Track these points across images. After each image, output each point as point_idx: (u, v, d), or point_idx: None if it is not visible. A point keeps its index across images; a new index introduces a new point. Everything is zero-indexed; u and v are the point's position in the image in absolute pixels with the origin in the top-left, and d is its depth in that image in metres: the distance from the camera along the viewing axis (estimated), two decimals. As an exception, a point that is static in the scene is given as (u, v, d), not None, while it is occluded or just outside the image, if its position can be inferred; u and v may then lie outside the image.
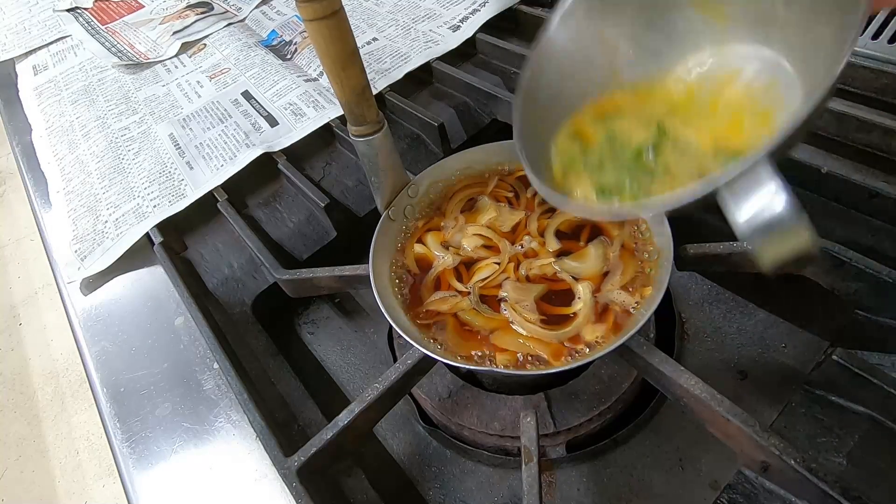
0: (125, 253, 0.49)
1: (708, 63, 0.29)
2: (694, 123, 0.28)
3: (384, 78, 0.61)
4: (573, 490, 0.36)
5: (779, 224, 0.18)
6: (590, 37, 0.29)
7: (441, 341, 0.35)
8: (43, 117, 0.68)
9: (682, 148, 0.27)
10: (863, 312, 0.35)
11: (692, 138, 0.27)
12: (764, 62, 0.26)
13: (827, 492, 0.25)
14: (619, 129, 0.29)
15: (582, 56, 0.29)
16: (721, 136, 0.27)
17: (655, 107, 0.29)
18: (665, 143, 0.27)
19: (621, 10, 0.28)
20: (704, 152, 0.27)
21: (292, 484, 0.31)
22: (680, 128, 0.28)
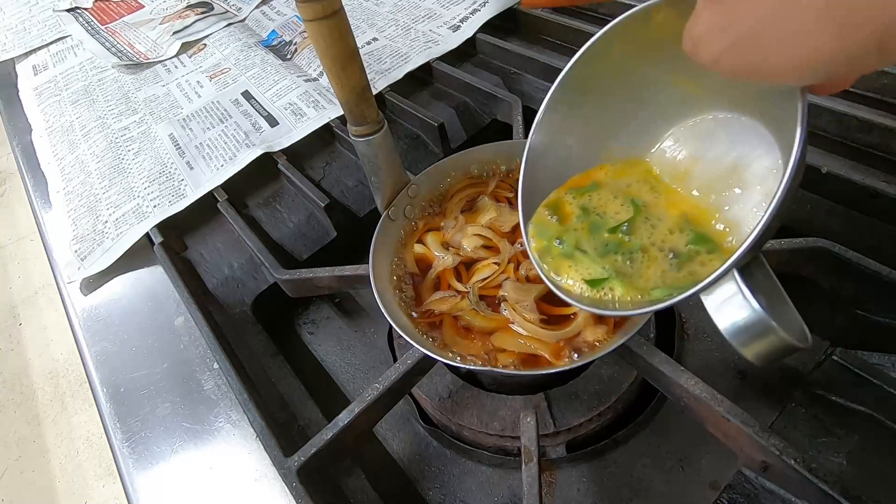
0: (125, 253, 0.49)
1: (686, 138, 0.29)
2: (663, 197, 0.29)
3: (384, 78, 0.61)
4: (573, 490, 0.36)
5: (750, 331, 0.20)
6: (578, 120, 0.30)
7: (440, 341, 0.35)
8: (43, 117, 0.69)
9: (653, 223, 0.28)
10: (863, 312, 0.35)
11: (662, 212, 0.28)
12: (743, 130, 0.27)
13: (827, 492, 0.25)
14: (596, 204, 0.30)
15: (572, 138, 0.31)
16: (691, 214, 0.28)
17: (633, 185, 0.30)
18: (639, 219, 0.28)
19: (603, 93, 0.29)
20: (672, 228, 0.28)
21: (292, 484, 0.31)
22: (651, 204, 0.29)
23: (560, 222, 0.30)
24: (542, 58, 0.57)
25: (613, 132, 0.31)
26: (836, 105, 0.44)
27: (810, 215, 0.41)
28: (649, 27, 0.23)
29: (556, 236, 0.30)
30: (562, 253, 0.29)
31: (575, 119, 0.30)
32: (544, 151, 0.31)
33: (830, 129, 0.44)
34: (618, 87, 0.29)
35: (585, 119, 0.30)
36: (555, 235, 0.30)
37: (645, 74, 0.28)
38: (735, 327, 0.20)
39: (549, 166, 0.31)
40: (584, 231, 0.29)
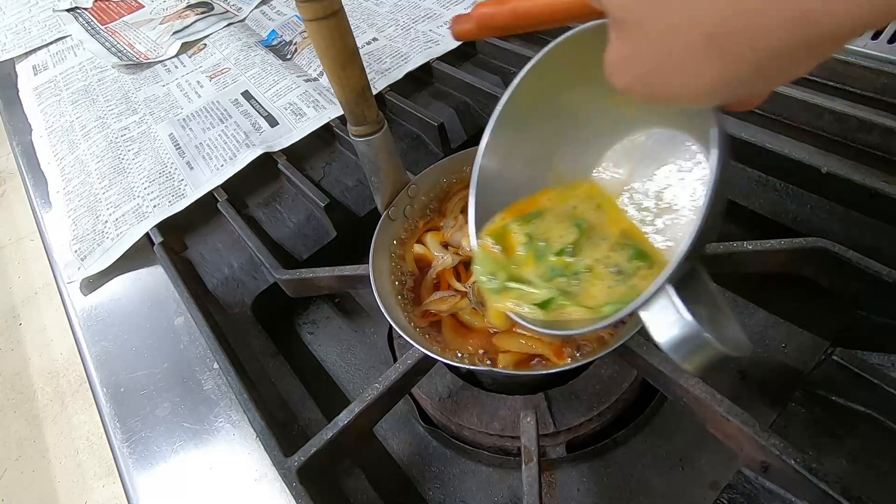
0: (125, 253, 0.49)
1: (624, 156, 0.30)
2: (605, 215, 0.30)
3: (384, 78, 0.61)
4: (573, 490, 0.36)
5: (687, 344, 0.20)
6: (523, 142, 0.31)
7: (440, 341, 0.35)
8: (43, 117, 0.69)
9: (597, 242, 0.29)
10: (863, 312, 0.35)
11: (605, 231, 0.29)
12: (674, 145, 0.28)
13: (827, 492, 0.25)
14: (541, 231, 0.30)
15: (519, 160, 0.32)
16: (626, 225, 0.29)
17: (579, 207, 0.31)
18: (584, 240, 0.29)
19: (544, 116, 0.30)
20: (614, 245, 0.28)
21: (292, 484, 0.31)
22: (596, 223, 0.30)
23: (505, 252, 0.31)
24: (542, 58, 0.57)
25: (558, 153, 0.32)
26: (835, 105, 0.44)
27: (810, 215, 0.41)
28: (581, 51, 0.23)
29: (501, 269, 0.30)
30: (506, 286, 0.30)
31: (520, 142, 0.31)
32: (494, 174, 0.31)
33: (830, 129, 0.44)
34: (557, 111, 0.30)
35: (530, 141, 0.31)
36: (499, 268, 0.30)
37: (582, 97, 0.28)
38: (672, 341, 0.20)
39: (499, 188, 0.31)
40: (530, 259, 0.30)
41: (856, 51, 0.46)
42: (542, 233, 0.30)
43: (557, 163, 0.32)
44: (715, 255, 0.36)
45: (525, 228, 0.30)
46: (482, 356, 0.33)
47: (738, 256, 0.35)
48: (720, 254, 0.36)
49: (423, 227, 0.41)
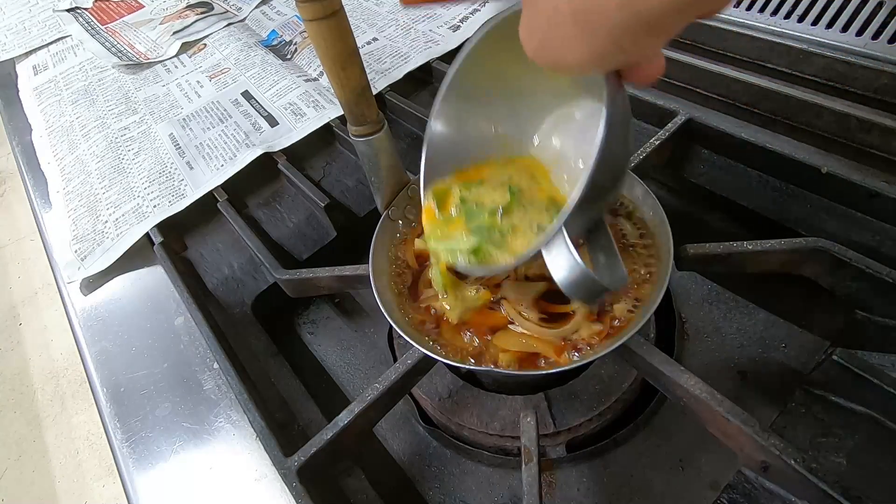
0: (125, 253, 0.49)
1: (558, 126, 0.34)
2: (537, 184, 0.33)
3: (384, 78, 0.61)
4: (573, 490, 0.36)
5: (573, 276, 0.25)
6: (466, 114, 0.34)
7: (437, 338, 0.35)
8: (43, 117, 0.69)
9: (526, 206, 0.32)
10: (863, 312, 0.35)
11: (535, 197, 0.33)
12: (594, 114, 0.31)
13: (827, 492, 0.25)
14: (475, 196, 0.34)
15: (467, 127, 0.35)
16: (553, 193, 0.33)
17: (514, 176, 0.34)
18: (514, 204, 0.32)
19: (489, 90, 0.33)
20: (541, 209, 0.32)
21: (292, 484, 0.31)
22: (527, 190, 0.33)
23: (443, 212, 0.34)
24: (542, 58, 0.57)
25: (503, 121, 0.35)
26: (835, 105, 0.44)
27: (810, 215, 0.41)
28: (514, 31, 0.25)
29: (438, 227, 0.34)
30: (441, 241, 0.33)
31: (469, 109, 0.34)
32: (444, 137, 0.34)
33: (830, 129, 0.44)
34: (502, 82, 0.32)
35: (478, 109, 0.34)
36: (437, 226, 0.34)
37: (522, 69, 0.30)
38: (563, 276, 0.25)
39: (448, 150, 0.35)
40: (461, 219, 0.33)
41: (856, 51, 0.46)
42: (477, 197, 0.34)
43: (503, 130, 0.35)
44: (715, 255, 0.36)
45: (464, 193, 0.34)
46: (484, 356, 0.33)
47: (738, 256, 0.35)
48: (720, 254, 0.36)
49: None
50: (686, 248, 0.36)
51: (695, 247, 0.36)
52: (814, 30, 0.48)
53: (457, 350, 0.34)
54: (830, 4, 0.47)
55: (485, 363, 0.33)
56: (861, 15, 0.46)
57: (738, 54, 0.52)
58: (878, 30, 0.45)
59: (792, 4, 0.49)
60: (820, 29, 0.47)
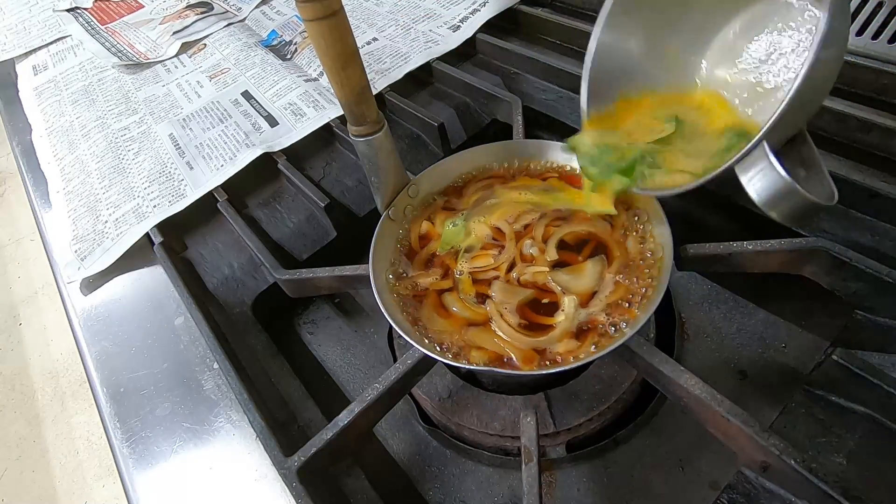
0: (125, 253, 0.49)
1: (734, 38, 0.31)
2: (708, 117, 0.32)
3: (384, 78, 0.61)
4: (573, 490, 0.36)
5: (775, 192, 0.22)
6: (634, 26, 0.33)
7: (418, 317, 0.35)
8: (43, 117, 0.69)
9: (691, 137, 0.31)
10: (863, 312, 0.35)
11: (706, 128, 0.31)
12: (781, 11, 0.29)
13: (827, 492, 0.25)
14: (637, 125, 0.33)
15: (629, 47, 0.33)
16: (734, 123, 0.31)
17: (679, 109, 0.33)
18: (678, 135, 0.31)
19: (655, 10, 0.32)
20: (716, 136, 0.30)
21: (292, 484, 0.31)
22: (694, 122, 0.32)
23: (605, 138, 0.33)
24: (542, 58, 0.57)
25: (674, 35, 0.33)
26: (835, 105, 0.44)
27: (810, 215, 0.41)
28: None
29: (601, 143, 0.33)
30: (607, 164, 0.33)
31: (636, 23, 0.32)
32: (609, 55, 0.33)
33: (830, 129, 0.44)
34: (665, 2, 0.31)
35: (647, 23, 0.32)
36: (600, 144, 0.33)
37: None
38: (764, 191, 0.23)
39: (614, 71, 0.33)
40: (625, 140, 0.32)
41: (856, 51, 0.46)
42: (640, 125, 0.33)
43: (675, 44, 0.33)
44: (715, 255, 0.36)
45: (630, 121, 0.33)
46: (455, 345, 0.34)
47: (738, 256, 0.35)
48: (720, 254, 0.36)
49: (442, 204, 0.42)
50: (686, 248, 0.36)
51: (695, 247, 0.36)
52: (814, 30, 0.48)
53: (431, 328, 0.35)
54: (830, 4, 0.47)
55: (456, 354, 0.33)
56: (861, 15, 0.46)
57: (738, 54, 0.51)
58: (878, 30, 0.45)
59: (792, 4, 0.49)
60: (820, 29, 0.47)
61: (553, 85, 0.56)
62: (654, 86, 0.34)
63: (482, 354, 0.33)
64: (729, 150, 0.29)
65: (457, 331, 0.34)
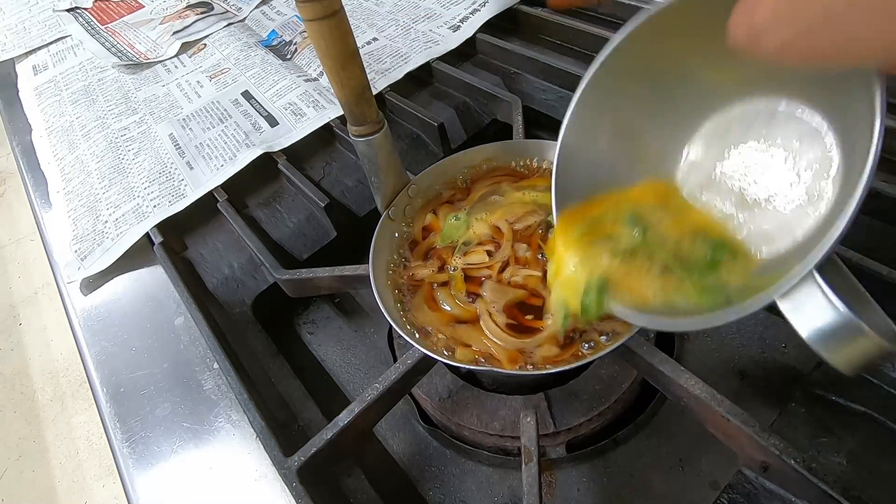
0: (125, 253, 0.49)
1: (713, 139, 0.29)
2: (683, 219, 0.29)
3: (384, 78, 0.61)
4: (573, 490, 0.36)
5: (838, 335, 0.18)
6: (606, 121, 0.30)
7: (407, 303, 0.36)
8: (43, 117, 0.69)
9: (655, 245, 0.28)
10: (863, 312, 0.35)
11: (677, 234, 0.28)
12: (777, 122, 0.26)
13: (827, 492, 0.25)
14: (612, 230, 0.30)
15: (602, 140, 0.30)
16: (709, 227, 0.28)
17: (649, 209, 0.30)
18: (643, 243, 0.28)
19: (629, 94, 0.29)
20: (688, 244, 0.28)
21: (292, 484, 0.31)
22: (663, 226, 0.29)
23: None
24: (542, 58, 0.57)
25: (644, 132, 0.30)
26: (836, 105, 0.44)
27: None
28: (675, 21, 0.22)
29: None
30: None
31: (603, 120, 0.30)
32: (575, 152, 0.30)
33: (830, 129, 0.44)
34: (643, 87, 0.28)
35: (614, 120, 0.30)
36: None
37: (670, 70, 0.27)
38: (820, 333, 0.19)
39: (580, 168, 0.31)
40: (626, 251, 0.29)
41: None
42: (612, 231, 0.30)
43: (647, 141, 0.30)
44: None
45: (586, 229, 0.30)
46: (441, 340, 0.34)
47: (738, 256, 0.35)
48: (720, 254, 0.36)
49: (447, 197, 0.42)
50: (686, 248, 0.36)
51: (695, 247, 0.36)
52: (814, 30, 0.48)
53: (420, 320, 0.35)
54: (830, 4, 0.47)
55: (441, 354, 0.33)
56: (861, 15, 0.46)
57: (738, 54, 0.51)
58: None
59: (792, 4, 0.49)
60: (820, 29, 0.47)
61: (553, 85, 0.56)
62: (626, 183, 0.31)
63: (468, 352, 0.33)
64: (715, 265, 0.26)
65: (444, 326, 0.35)
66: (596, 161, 0.31)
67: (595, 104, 0.29)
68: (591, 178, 0.31)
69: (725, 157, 0.28)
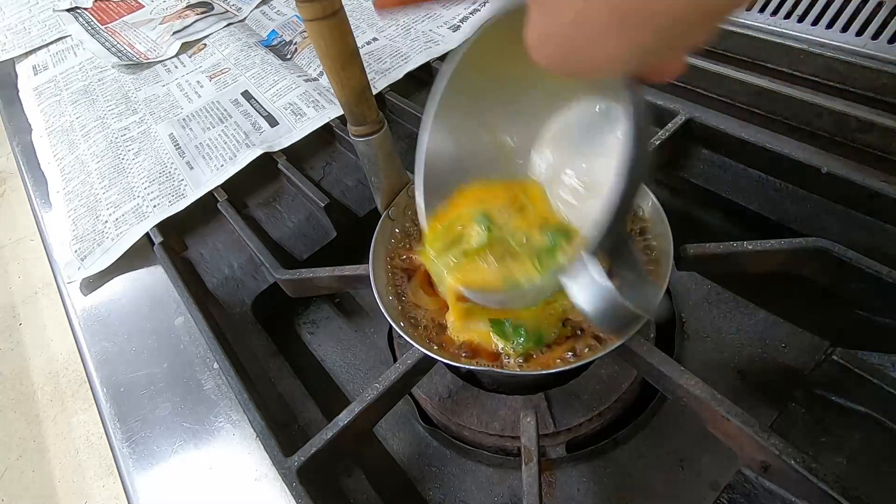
0: (125, 253, 0.49)
1: (558, 134, 0.32)
2: (520, 210, 0.32)
3: (384, 78, 0.61)
4: (573, 490, 0.36)
5: (601, 304, 0.22)
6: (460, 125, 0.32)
7: (403, 289, 0.36)
8: (43, 117, 0.69)
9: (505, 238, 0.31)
10: (863, 312, 0.35)
11: (517, 225, 0.31)
12: (605, 116, 0.29)
13: (827, 492, 0.25)
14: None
15: (462, 138, 0.33)
16: (548, 214, 0.31)
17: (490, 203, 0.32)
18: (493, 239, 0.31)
19: (482, 98, 0.31)
20: (536, 232, 0.31)
21: (292, 484, 0.31)
22: (506, 222, 0.32)
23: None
24: (542, 58, 0.57)
25: (503, 127, 0.33)
26: (835, 105, 0.44)
27: (810, 215, 0.41)
28: (509, 32, 0.24)
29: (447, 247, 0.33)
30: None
31: (465, 118, 0.32)
32: (439, 155, 0.32)
33: (830, 129, 0.44)
34: (496, 90, 0.31)
35: (474, 117, 0.32)
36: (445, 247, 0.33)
37: (519, 72, 0.29)
38: (590, 304, 0.23)
39: (444, 167, 0.33)
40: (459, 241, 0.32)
41: (856, 51, 0.46)
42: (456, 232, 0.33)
43: (502, 137, 0.33)
44: (715, 255, 0.36)
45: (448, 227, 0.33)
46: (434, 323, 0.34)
47: (738, 256, 0.35)
48: (720, 254, 0.36)
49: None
50: (686, 248, 0.36)
51: (695, 247, 0.36)
52: (814, 30, 0.48)
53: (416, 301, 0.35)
54: (830, 4, 0.47)
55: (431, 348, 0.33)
56: (861, 15, 0.46)
57: (738, 54, 0.51)
58: (877, 30, 0.45)
59: (792, 4, 0.49)
60: (820, 29, 0.47)
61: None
62: (488, 174, 0.33)
63: (460, 341, 0.34)
64: (552, 252, 0.29)
65: (438, 311, 0.35)
66: (456, 163, 0.33)
67: (449, 112, 0.31)
68: (455, 181, 0.33)
69: (566, 151, 0.32)
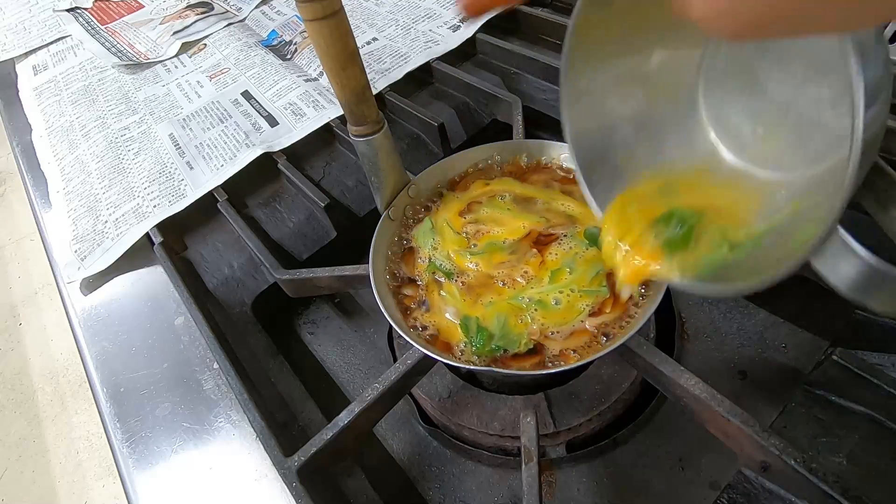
0: (125, 253, 0.49)
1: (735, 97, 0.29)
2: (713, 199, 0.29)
3: (384, 78, 0.61)
4: (573, 490, 0.36)
5: (875, 283, 0.19)
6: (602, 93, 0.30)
7: (401, 268, 0.37)
8: (43, 117, 0.68)
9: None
10: (863, 312, 0.35)
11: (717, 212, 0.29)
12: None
13: (827, 492, 0.25)
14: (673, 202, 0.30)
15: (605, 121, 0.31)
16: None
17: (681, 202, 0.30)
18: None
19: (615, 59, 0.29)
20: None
21: (292, 484, 0.31)
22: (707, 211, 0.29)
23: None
24: (542, 58, 0.57)
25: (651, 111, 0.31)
26: (836, 105, 0.44)
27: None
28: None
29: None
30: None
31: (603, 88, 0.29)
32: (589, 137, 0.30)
33: (830, 129, 0.44)
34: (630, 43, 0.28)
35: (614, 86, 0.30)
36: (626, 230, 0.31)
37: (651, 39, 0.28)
38: (853, 283, 0.19)
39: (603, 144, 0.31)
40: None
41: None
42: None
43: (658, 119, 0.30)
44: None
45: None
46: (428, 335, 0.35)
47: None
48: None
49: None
50: (686, 248, 0.36)
51: (695, 247, 0.36)
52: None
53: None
54: (830, 4, 0.47)
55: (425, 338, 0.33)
56: (861, 15, 0.46)
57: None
58: (878, 30, 0.45)
59: (792, 4, 0.49)
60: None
61: (553, 85, 0.56)
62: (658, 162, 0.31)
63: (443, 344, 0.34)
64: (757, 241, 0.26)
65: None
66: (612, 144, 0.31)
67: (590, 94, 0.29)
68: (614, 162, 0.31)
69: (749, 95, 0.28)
